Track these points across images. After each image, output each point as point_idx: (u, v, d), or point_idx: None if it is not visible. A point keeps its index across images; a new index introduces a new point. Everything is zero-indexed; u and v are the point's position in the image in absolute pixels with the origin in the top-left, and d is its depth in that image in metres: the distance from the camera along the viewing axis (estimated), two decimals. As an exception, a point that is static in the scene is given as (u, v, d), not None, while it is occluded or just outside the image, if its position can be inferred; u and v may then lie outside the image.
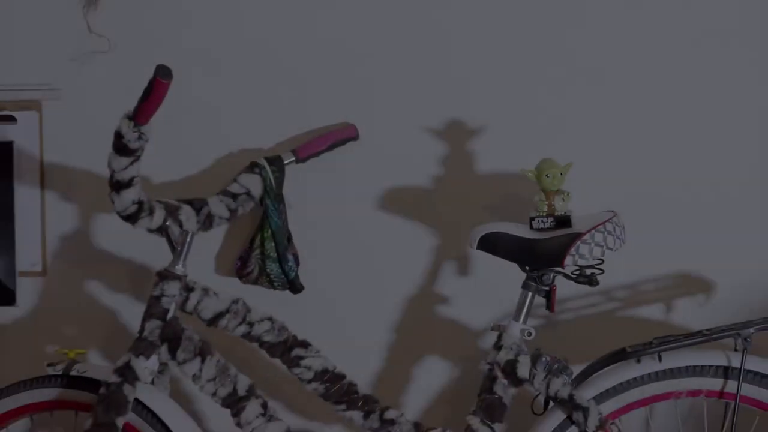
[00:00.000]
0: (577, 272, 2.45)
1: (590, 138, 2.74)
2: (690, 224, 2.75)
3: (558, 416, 2.46)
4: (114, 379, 2.43)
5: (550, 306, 2.51)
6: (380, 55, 2.76)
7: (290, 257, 2.66)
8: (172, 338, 2.47)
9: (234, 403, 2.47)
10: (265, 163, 2.64)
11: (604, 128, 2.75)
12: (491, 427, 2.45)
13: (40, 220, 2.82)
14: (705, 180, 2.74)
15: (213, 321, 2.50)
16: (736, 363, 2.44)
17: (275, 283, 2.67)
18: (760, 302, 2.73)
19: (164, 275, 2.48)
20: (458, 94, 2.76)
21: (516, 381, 2.44)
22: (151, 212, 2.44)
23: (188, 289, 2.49)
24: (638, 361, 2.47)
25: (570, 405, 2.43)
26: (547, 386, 2.43)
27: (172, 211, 2.48)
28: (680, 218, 2.75)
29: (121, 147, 2.33)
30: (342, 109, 2.78)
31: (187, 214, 2.50)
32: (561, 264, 2.41)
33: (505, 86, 2.75)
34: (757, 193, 2.75)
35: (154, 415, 2.48)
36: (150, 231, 2.47)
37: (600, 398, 2.46)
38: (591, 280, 2.46)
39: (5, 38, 2.80)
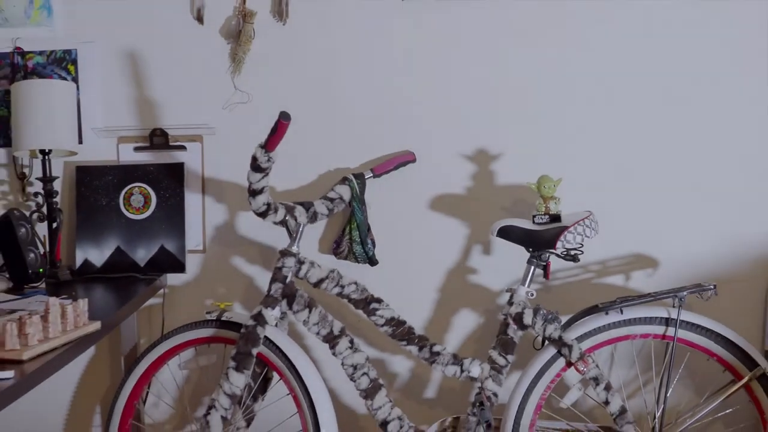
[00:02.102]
0: (565, 252, 2.44)
1: (574, 161, 2.71)
2: (642, 220, 2.72)
3: (551, 351, 2.45)
4: (251, 322, 2.46)
5: (546, 275, 2.50)
6: (429, 105, 2.76)
7: (369, 241, 2.67)
8: (289, 295, 2.50)
9: (331, 339, 2.49)
10: (352, 178, 2.64)
11: (583, 155, 2.72)
12: (506, 358, 2.45)
13: (201, 215, 2.84)
14: (652, 189, 2.72)
15: (317, 284, 2.51)
16: (674, 315, 2.43)
17: (359, 259, 2.68)
18: (691, 274, 2.71)
19: (284, 253, 2.51)
20: (483, 131, 2.75)
21: (522, 326, 2.45)
22: (276, 211, 2.46)
23: (300, 262, 2.51)
24: (606, 313, 2.46)
25: (559, 343, 2.43)
26: (544, 330, 2.43)
27: (289, 210, 2.50)
28: (636, 216, 2.72)
29: (256, 166, 2.36)
30: (404, 142, 2.77)
31: (299, 211, 2.52)
32: (554, 247, 2.41)
33: (516, 126, 2.74)
34: (688, 200, 2.72)
35: (277, 347, 2.50)
36: (274, 223, 2.48)
37: (580, 339, 2.45)
38: (574, 258, 2.44)
39: (179, 94, 2.82)
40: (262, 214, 2.46)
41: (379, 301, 2.51)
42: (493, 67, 2.74)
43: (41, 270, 2.55)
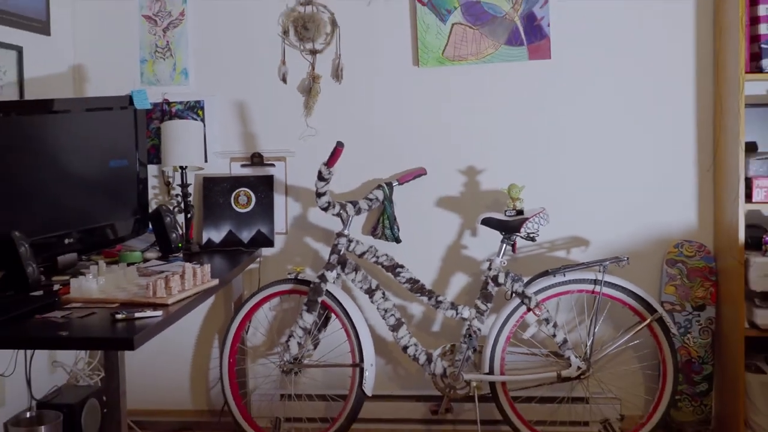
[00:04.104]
0: (526, 235, 2.42)
1: (532, 174, 2.70)
2: (579, 213, 2.70)
3: (516, 301, 2.45)
4: (317, 280, 2.48)
5: (513, 250, 2.49)
6: (435, 136, 2.74)
7: (396, 227, 2.64)
8: (342, 263, 2.50)
9: (370, 291, 2.49)
10: (384, 185, 2.63)
11: (538, 170, 2.71)
12: (486, 305, 2.44)
13: (284, 209, 2.83)
14: (586, 192, 2.70)
15: (360, 255, 2.51)
16: (600, 278, 2.42)
17: (389, 239, 2.65)
18: (611, 250, 2.68)
19: (339, 234, 2.51)
20: (472, 154, 2.73)
21: (497, 284, 2.44)
22: (334, 206, 2.47)
23: (349, 241, 2.51)
24: (554, 276, 2.45)
25: (522, 295, 2.42)
26: (512, 287, 2.42)
27: (342, 206, 2.50)
28: (574, 210, 2.70)
29: (320, 177, 2.37)
30: (419, 161, 2.75)
31: (349, 207, 2.52)
32: (519, 231, 2.40)
33: (493, 151, 2.72)
34: (610, 199, 2.69)
35: (334, 297, 2.51)
36: (333, 215, 2.48)
37: (536, 293, 2.44)
38: (532, 239, 2.43)
39: (270, 129, 2.82)
40: (324, 209, 2.47)
41: (402, 266, 2.51)
42: (475, 111, 2.73)
43: (180, 245, 2.57)
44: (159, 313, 1.78)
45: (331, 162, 2.39)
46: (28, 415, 2.41)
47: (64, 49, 2.79)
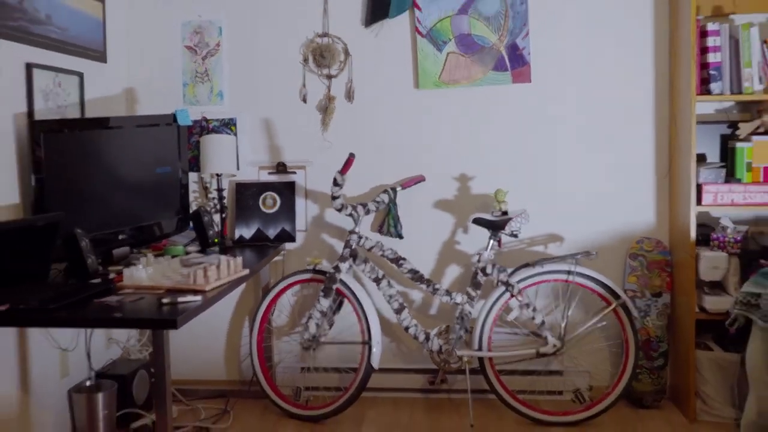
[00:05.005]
0: (510, 233, 2.41)
1: (515, 180, 2.69)
2: (555, 213, 2.69)
3: (501, 288, 2.43)
4: (332, 270, 2.47)
5: (499, 245, 2.48)
6: (432, 147, 2.73)
7: (399, 225, 2.63)
8: (354, 256, 2.49)
9: (377, 280, 2.47)
10: (389, 189, 2.60)
11: (520, 178, 2.69)
12: (476, 292, 2.43)
13: (304, 210, 2.81)
14: (561, 195, 2.68)
15: (369, 249, 2.50)
16: (572, 269, 2.40)
17: (393, 236, 2.64)
18: (582, 245, 2.67)
19: (351, 232, 2.49)
20: (464, 163, 2.72)
21: (485, 274, 2.43)
22: (346, 208, 2.45)
23: (360, 237, 2.50)
24: (534, 267, 2.44)
25: (506, 284, 2.40)
26: (498, 276, 2.41)
27: (354, 207, 2.48)
28: (551, 211, 2.69)
29: (335, 183, 2.36)
30: (419, 169, 2.74)
31: (360, 208, 2.50)
32: (504, 229, 2.40)
33: (482, 160, 2.71)
34: (581, 202, 2.68)
35: (346, 284, 2.49)
36: (346, 215, 2.47)
37: (518, 282, 2.42)
38: (515, 236, 2.42)
39: (292, 142, 2.81)
40: (339, 210, 2.46)
41: (404, 259, 2.50)
42: (467, 127, 2.71)
43: (216, 240, 2.57)
44: (198, 298, 1.79)
45: (344, 170, 2.39)
46: (88, 383, 2.43)
47: (119, 75, 2.80)
